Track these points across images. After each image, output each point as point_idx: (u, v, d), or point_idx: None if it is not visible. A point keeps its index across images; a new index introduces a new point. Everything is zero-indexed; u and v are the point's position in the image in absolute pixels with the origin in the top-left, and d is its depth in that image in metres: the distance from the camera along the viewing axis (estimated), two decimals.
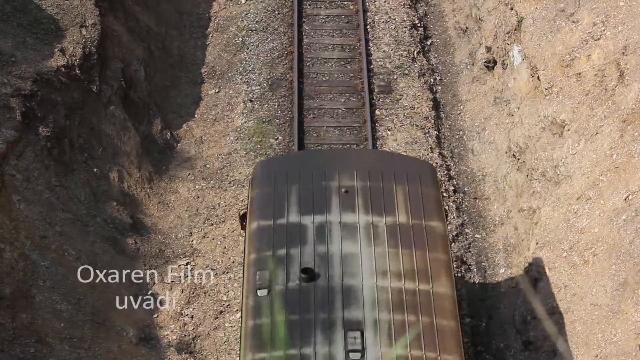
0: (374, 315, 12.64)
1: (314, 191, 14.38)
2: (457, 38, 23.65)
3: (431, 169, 15.21)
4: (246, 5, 24.35)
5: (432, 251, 13.54)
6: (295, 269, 13.22)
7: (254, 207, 14.42)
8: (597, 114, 16.91)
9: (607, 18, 17.79)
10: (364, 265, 13.29)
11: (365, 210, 14.05)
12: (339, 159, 15.48)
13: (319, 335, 12.45)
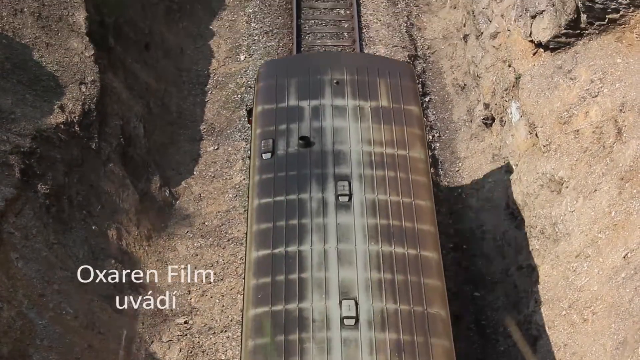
0: (360, 171, 15.60)
1: (310, 83, 17.15)
2: (456, 95, 23.76)
3: (410, 68, 18.56)
4: (245, 62, 24.50)
5: (408, 127, 16.41)
6: (295, 138, 16.13)
7: (259, 96, 17.19)
8: (595, 171, 16.93)
9: (604, 75, 17.89)
10: (352, 135, 16.19)
11: (353, 96, 16.88)
12: (331, 59, 18.37)
13: (314, 185, 15.45)
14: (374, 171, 15.72)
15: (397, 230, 14.92)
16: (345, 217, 15.06)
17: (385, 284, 14.18)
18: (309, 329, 13.70)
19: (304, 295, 14.09)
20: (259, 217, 15.31)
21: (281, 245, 14.80)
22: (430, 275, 14.42)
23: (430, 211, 15.41)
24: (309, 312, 13.87)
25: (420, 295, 14.09)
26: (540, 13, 19.46)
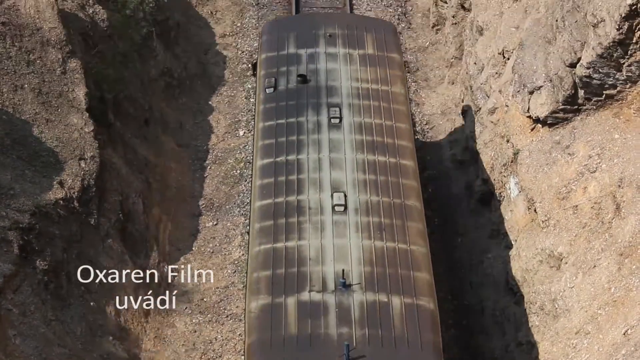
0: (349, 100, 18.90)
1: (306, 35, 20.59)
2: (454, 170, 23.82)
3: (393, 26, 22.28)
4: (244, 138, 24.60)
5: (390, 69, 19.83)
6: (294, 77, 19.42)
7: (263, 46, 20.71)
8: (594, 247, 16.89)
9: (602, 151, 17.94)
10: (342, 75, 19.57)
11: (344, 46, 20.35)
12: (325, 17, 22.28)
13: (310, 111, 18.70)
14: (360, 101, 19.11)
15: (379, 144, 18.19)
16: (336, 134, 18.35)
17: (369, 182, 17.45)
18: (306, 214, 16.88)
19: (301, 190, 17.32)
20: (264, 136, 18.67)
21: (282, 155, 18.06)
22: (407, 177, 17.76)
23: (408, 131, 18.85)
24: (305, 202, 17.07)
25: (398, 191, 17.33)
26: (537, 89, 19.58)
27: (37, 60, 20.20)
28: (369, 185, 17.44)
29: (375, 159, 17.92)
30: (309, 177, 17.63)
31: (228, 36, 27.87)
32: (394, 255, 16.38)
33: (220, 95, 26.03)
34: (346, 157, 17.96)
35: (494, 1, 23.16)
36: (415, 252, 16.48)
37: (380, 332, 15.20)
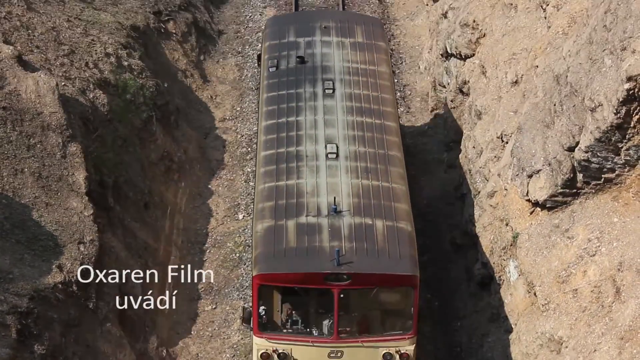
0: (341, 76, 22.28)
1: (304, 27, 24.22)
2: (454, 253, 23.79)
3: (379, 21, 27.05)
4: (243, 221, 24.64)
5: (377, 54, 23.49)
6: (294, 59, 22.91)
7: (266, 36, 24.44)
8: (594, 330, 16.79)
9: (601, 234, 17.93)
10: (335, 57, 23.06)
11: (337, 35, 23.88)
12: (321, 13, 27.35)
13: (307, 84, 22.11)
14: (350, 77, 22.49)
15: (367, 109, 21.60)
16: (329, 101, 21.69)
17: (357, 137, 20.68)
18: (304, 160, 20.10)
19: (300, 142, 20.55)
20: (267, 103, 22.04)
21: (283, 117, 21.34)
22: (390, 134, 21.07)
23: (392, 100, 22.56)
24: (303, 151, 20.31)
25: (382, 144, 20.62)
26: (536, 172, 19.66)
27: (37, 145, 20.33)
28: (357, 139, 20.75)
29: (362, 120, 21.35)
30: (306, 133, 20.91)
31: (228, 120, 28.11)
32: (377, 190, 19.57)
33: (219, 179, 26.14)
34: (338, 118, 21.32)
35: (492, 85, 23.40)
36: (395, 188, 19.75)
37: (365, 245, 18.24)
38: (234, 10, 33.53)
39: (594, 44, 17.96)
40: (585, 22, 19.13)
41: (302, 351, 18.43)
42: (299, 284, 18.24)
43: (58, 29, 24.14)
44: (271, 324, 18.57)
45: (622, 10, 17.31)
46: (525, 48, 22.33)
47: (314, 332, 18.47)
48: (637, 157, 17.64)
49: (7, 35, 22.59)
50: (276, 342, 18.47)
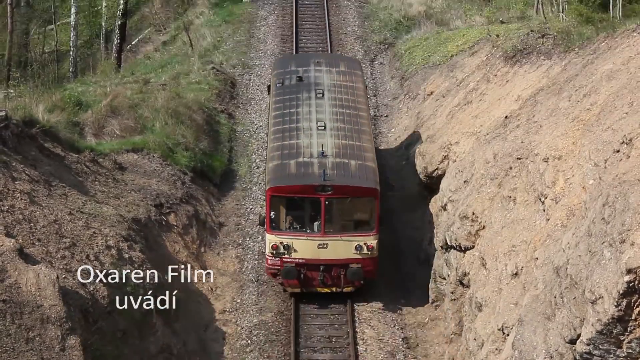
0: (328, 88, 31.73)
1: (302, 62, 34.38)
2: None
3: (357, 60, 38.92)
4: None
5: (355, 77, 33.82)
6: (294, 79, 32.48)
7: (275, 68, 35.33)
8: None
9: None
10: (324, 78, 32.73)
11: (326, 66, 33.78)
12: (314, 54, 38.40)
13: (304, 92, 31.60)
14: (335, 88, 32.50)
15: (346, 106, 31.54)
16: (320, 101, 31.64)
17: (339, 119, 30.56)
18: (301, 130, 29.83)
19: (298, 122, 30.44)
20: (275, 104, 32.10)
21: (287, 109, 31.34)
22: (362, 119, 31.22)
23: (365, 103, 33.10)
24: (301, 126, 29.98)
25: (357, 123, 30.61)
26: None
27: (36, 338, 20.18)
28: (339, 120, 30.76)
29: (343, 111, 31.38)
30: (303, 117, 30.73)
31: (228, 312, 28.02)
32: (352, 145, 29.40)
33: None
34: (326, 110, 31.29)
35: (492, 277, 23.42)
36: (365, 146, 29.64)
37: (343, 171, 28.17)
38: (235, 202, 34.01)
39: (593, 236, 18.09)
40: (584, 215, 19.33)
41: (300, 243, 27.84)
42: (297, 194, 27.78)
43: (60, 222, 24.38)
44: (278, 225, 27.96)
45: (620, 203, 17.54)
46: (525, 240, 22.47)
47: (308, 230, 28.02)
48: (639, 350, 17.50)
49: (9, 229, 22.79)
50: (282, 237, 27.79)
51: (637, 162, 18.90)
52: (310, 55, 38.46)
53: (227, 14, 50.58)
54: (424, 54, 43.11)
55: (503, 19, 44.56)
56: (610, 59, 24.76)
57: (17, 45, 54.48)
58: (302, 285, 28.20)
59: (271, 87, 33.62)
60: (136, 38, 57.17)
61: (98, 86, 38.36)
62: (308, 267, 27.95)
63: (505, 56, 34.51)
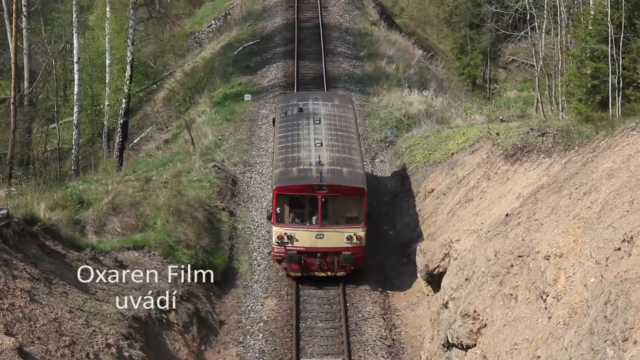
0: (325, 116, 38.68)
1: (303, 98, 41.51)
2: None
3: (349, 97, 46.81)
4: None
5: (346, 110, 40.79)
6: (296, 110, 39.26)
7: (280, 102, 42.42)
8: None
9: None
10: (321, 109, 39.57)
11: (322, 101, 40.97)
12: (312, 92, 45.88)
13: (304, 119, 38.40)
14: (330, 117, 38.56)
15: (339, 129, 37.66)
16: (317, 125, 37.60)
17: (333, 139, 36.63)
18: (302, 146, 35.88)
19: (299, 140, 36.71)
20: (280, 128, 38.41)
21: (290, 132, 37.36)
22: (352, 139, 37.49)
23: (355, 128, 39.18)
24: (302, 143, 36.32)
25: (348, 141, 36.95)
26: None
27: None
28: (333, 139, 37.12)
29: (336, 133, 37.83)
30: (303, 137, 37.21)
31: None
32: (344, 157, 35.75)
33: None
34: (322, 132, 37.63)
35: None
36: (354, 158, 36.14)
37: (336, 175, 34.32)
38: (236, 300, 33.89)
39: (596, 334, 17.99)
40: (586, 313, 19.25)
41: (300, 234, 33.83)
42: (298, 193, 34.11)
43: (60, 320, 24.26)
44: (283, 219, 34.11)
45: (622, 302, 17.49)
46: (527, 338, 22.31)
47: (307, 223, 34.11)
48: None
49: (9, 327, 22.66)
50: (286, 229, 33.81)
51: (638, 260, 18.90)
52: (309, 93, 45.54)
53: (228, 112, 51.06)
54: (424, 152, 43.36)
55: (503, 117, 45.03)
56: (610, 157, 24.92)
57: (20, 144, 54.93)
58: (302, 269, 33.97)
59: (276, 118, 40.43)
60: (138, 136, 57.67)
61: (99, 184, 38.53)
62: (307, 254, 33.81)
63: (506, 154, 34.74)
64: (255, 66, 58.53)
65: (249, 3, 71.65)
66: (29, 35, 56.56)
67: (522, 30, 52.50)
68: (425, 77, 60.48)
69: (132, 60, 52.62)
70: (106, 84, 54.80)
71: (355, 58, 58.90)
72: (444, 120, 48.58)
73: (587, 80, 37.04)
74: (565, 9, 43.24)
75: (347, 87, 53.05)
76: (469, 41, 68.05)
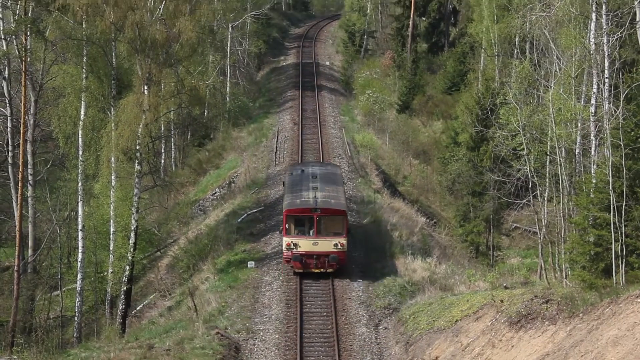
0: (321, 176, 55.62)
1: (307, 167, 58.58)
2: None
3: (338, 166, 66.58)
4: None
5: (335, 171, 59.72)
6: (299, 172, 57.10)
7: (288, 170, 61.41)
8: None
9: None
10: (317, 171, 56.78)
11: (319, 167, 59.90)
12: (313, 162, 68.59)
13: (305, 177, 55.69)
14: (324, 175, 55.84)
15: (330, 182, 54.49)
16: (314, 179, 54.19)
17: (326, 188, 52.98)
18: (303, 191, 52.72)
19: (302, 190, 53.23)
20: (288, 185, 55.15)
21: (295, 187, 53.94)
22: (339, 189, 54.37)
23: (342, 184, 57.36)
24: (303, 188, 53.48)
25: (336, 190, 53.45)
26: None
27: None
28: (325, 186, 52.85)
29: (327, 183, 53.75)
30: (304, 185, 53.16)
31: None
32: (331, 195, 51.92)
33: None
34: (319, 185, 52.75)
35: None
36: (339, 196, 52.55)
37: (326, 203, 50.60)
38: None
39: None
40: None
41: (302, 242, 49.13)
42: (300, 214, 49.60)
43: None
44: (290, 232, 49.55)
45: None
46: None
47: (307, 234, 49.48)
48: None
49: None
50: (292, 238, 49.17)
51: None
52: (310, 162, 66.67)
53: (232, 279, 51.02)
54: (428, 319, 43.05)
55: (507, 284, 44.91)
56: (615, 324, 24.78)
57: (22, 311, 54.67)
58: (303, 267, 49.57)
59: (286, 179, 57.30)
60: (141, 303, 57.42)
61: (102, 351, 38.15)
62: (307, 256, 49.40)
63: (510, 321, 34.50)
64: (259, 233, 58.85)
65: (253, 171, 72.64)
66: (34, 204, 57.06)
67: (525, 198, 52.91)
68: (429, 244, 60.68)
69: (136, 227, 52.90)
70: (110, 252, 54.94)
71: (359, 226, 59.24)
72: (447, 287, 48.48)
73: (590, 248, 37.15)
74: (567, 177, 43.72)
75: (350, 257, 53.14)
76: (472, 208, 68.50)
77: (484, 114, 63.66)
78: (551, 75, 45.79)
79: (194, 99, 54.83)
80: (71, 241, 61.26)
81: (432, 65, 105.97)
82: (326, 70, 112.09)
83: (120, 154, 51.96)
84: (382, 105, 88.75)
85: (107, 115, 53.81)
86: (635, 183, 36.02)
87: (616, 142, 36.47)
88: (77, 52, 53.65)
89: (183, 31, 50.33)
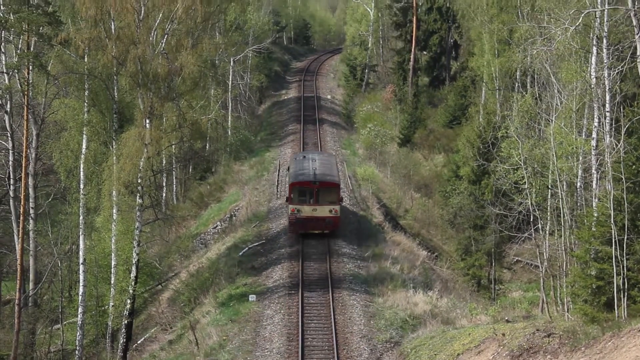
0: (319, 160, 67.74)
1: (307, 154, 70.33)
2: None
3: (334, 155, 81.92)
4: None
5: (330, 158, 73.27)
6: (302, 157, 68.61)
7: (292, 157, 76.24)
8: None
9: None
10: (316, 157, 68.56)
11: (318, 154, 72.27)
12: (313, 150, 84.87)
13: (305, 160, 66.98)
14: (323, 161, 67.64)
15: (327, 167, 65.83)
16: (313, 162, 65.91)
17: (321, 166, 65.22)
18: (304, 166, 65.23)
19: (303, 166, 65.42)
20: (292, 164, 68.00)
21: (298, 170, 64.46)
22: (334, 169, 66.84)
23: (337, 169, 68.22)
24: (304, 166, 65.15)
25: (331, 170, 65.43)
26: None
27: None
28: (321, 166, 64.72)
29: (323, 165, 65.63)
30: (305, 167, 64.39)
31: None
32: (327, 172, 64.07)
33: None
34: (316, 163, 65.33)
35: None
36: (333, 173, 64.77)
37: (323, 177, 62.47)
38: None
39: None
40: None
41: (304, 208, 60.40)
42: (302, 186, 61.02)
43: None
44: (294, 200, 60.78)
45: None
46: None
47: (307, 202, 60.68)
48: None
49: None
50: (296, 205, 60.42)
51: None
52: (310, 151, 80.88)
53: (233, 313, 50.90)
54: (430, 353, 42.90)
55: (509, 317, 44.79)
56: (618, 358, 24.71)
57: (23, 345, 54.53)
58: (305, 229, 60.51)
59: (290, 164, 68.94)
60: (142, 337, 57.26)
61: None
62: (308, 220, 60.25)
63: (512, 355, 34.39)
64: (261, 267, 58.77)
65: (254, 205, 72.67)
66: (35, 237, 57.05)
67: (526, 232, 52.86)
68: (430, 277, 60.58)
69: (137, 261, 52.86)
70: (111, 285, 54.88)
71: (360, 259, 59.23)
72: (449, 320, 48.34)
73: (592, 282, 37.07)
74: (568, 210, 43.72)
75: (352, 288, 53.09)
76: (474, 242, 68.42)
77: (486, 148, 63.82)
78: (552, 109, 45.88)
79: (195, 132, 55.03)
80: (72, 274, 61.23)
81: (434, 99, 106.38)
82: (327, 104, 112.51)
83: (122, 187, 52.01)
84: (383, 139, 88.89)
85: (109, 149, 53.93)
86: (636, 217, 36.00)
87: (617, 175, 36.49)
88: (79, 86, 53.90)
89: (185, 65, 50.52)
